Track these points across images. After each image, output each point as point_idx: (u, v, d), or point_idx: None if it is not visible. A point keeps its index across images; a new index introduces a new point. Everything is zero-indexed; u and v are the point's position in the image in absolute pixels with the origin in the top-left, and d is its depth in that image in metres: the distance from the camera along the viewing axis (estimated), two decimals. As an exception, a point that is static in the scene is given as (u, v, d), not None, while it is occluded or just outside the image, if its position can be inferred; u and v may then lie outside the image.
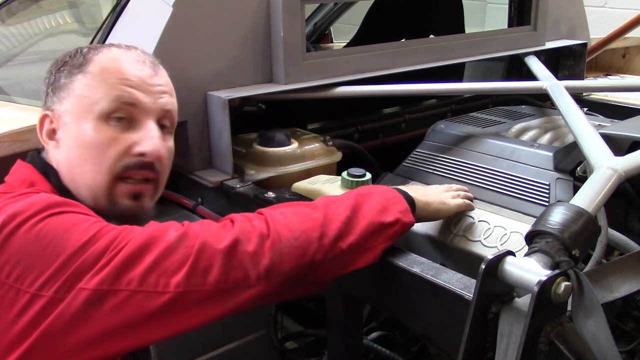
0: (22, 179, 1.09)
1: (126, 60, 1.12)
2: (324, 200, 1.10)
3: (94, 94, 1.08)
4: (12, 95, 2.04)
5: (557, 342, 0.87)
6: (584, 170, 1.35)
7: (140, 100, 1.10)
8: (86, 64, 1.11)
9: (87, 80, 1.09)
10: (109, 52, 1.14)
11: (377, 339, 1.52)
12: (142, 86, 1.11)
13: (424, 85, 1.81)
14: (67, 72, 1.12)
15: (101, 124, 1.08)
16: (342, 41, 3.31)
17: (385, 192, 1.13)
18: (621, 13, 4.01)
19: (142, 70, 1.12)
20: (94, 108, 1.08)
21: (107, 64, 1.10)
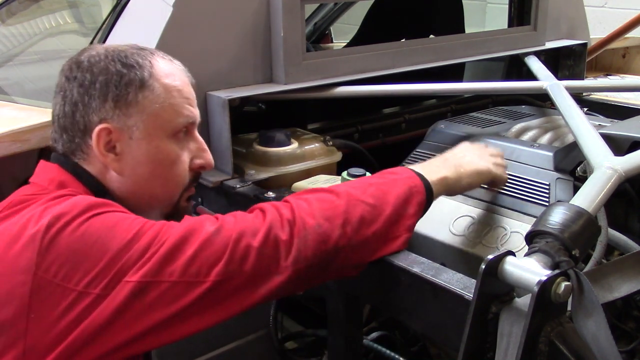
0: (50, 179, 1.09)
1: (180, 76, 1.17)
2: (348, 185, 1.13)
3: (164, 113, 1.12)
4: (12, 95, 2.04)
5: (557, 342, 0.87)
6: (584, 170, 1.35)
7: (197, 116, 1.19)
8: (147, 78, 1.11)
9: (154, 98, 1.11)
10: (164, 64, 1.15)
11: (377, 339, 1.52)
12: (193, 101, 1.19)
13: (424, 85, 1.81)
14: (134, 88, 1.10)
15: (171, 142, 1.14)
16: (342, 41, 3.31)
17: (409, 180, 1.15)
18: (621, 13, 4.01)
19: (189, 84, 1.19)
20: (167, 126, 1.12)
21: (168, 81, 1.13)
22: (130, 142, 1.11)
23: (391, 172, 1.19)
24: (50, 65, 2.39)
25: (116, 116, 1.10)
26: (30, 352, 0.91)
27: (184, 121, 1.15)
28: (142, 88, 1.11)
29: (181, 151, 1.15)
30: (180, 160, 1.15)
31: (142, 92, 1.10)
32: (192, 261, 0.96)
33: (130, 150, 1.11)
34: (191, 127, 1.18)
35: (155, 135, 1.12)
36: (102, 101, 1.09)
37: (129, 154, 1.11)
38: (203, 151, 1.19)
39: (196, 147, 1.19)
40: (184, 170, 1.16)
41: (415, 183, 1.15)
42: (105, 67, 1.10)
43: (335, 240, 1.04)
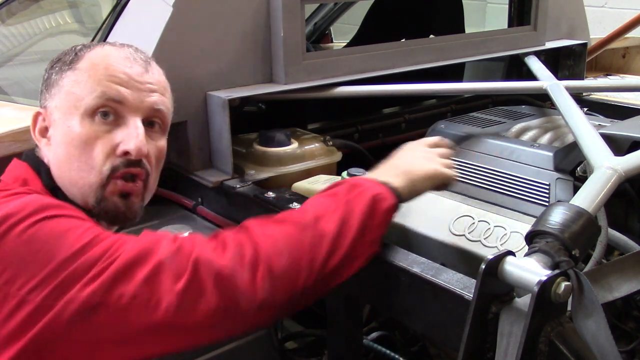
0: (15, 177, 1.08)
1: (116, 56, 1.11)
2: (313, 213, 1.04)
3: (81, 90, 1.07)
4: (12, 95, 2.04)
5: (557, 342, 0.87)
6: (584, 170, 1.35)
7: (127, 97, 1.08)
8: (77, 60, 1.10)
9: (75, 77, 1.09)
10: (100, 49, 1.13)
11: (377, 339, 1.52)
12: (129, 83, 1.09)
13: (424, 85, 1.81)
14: (58, 68, 1.11)
15: (87, 120, 1.07)
16: (342, 41, 3.31)
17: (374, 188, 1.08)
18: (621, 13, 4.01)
19: (132, 67, 1.11)
20: (80, 104, 1.07)
21: (97, 60, 1.10)
22: (54, 124, 1.10)
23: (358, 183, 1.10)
24: (50, 65, 2.39)
25: (46, 100, 1.11)
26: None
27: (100, 97, 1.06)
28: (68, 69, 1.09)
29: (101, 133, 1.06)
30: (95, 142, 1.06)
31: (64, 72, 1.09)
32: (143, 285, 0.90)
33: (55, 133, 1.10)
34: (119, 108, 1.08)
35: (69, 113, 1.07)
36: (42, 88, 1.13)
37: (54, 137, 1.10)
38: (132, 137, 1.08)
39: (126, 133, 1.08)
40: (101, 154, 1.06)
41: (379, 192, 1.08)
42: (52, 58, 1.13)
43: (304, 281, 0.98)
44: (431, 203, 1.51)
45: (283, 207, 1.35)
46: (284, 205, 1.36)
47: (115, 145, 1.07)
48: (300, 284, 0.98)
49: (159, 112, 1.14)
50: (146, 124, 1.12)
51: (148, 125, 1.12)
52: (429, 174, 1.18)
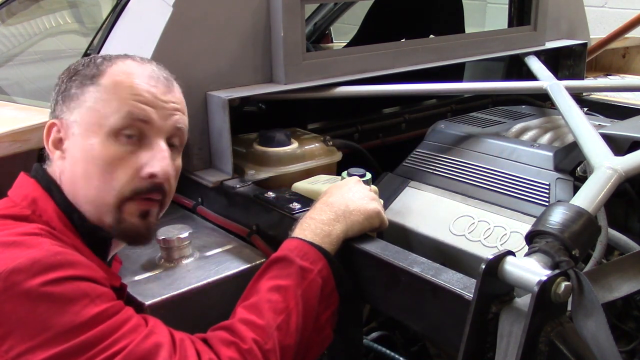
0: (24, 195, 1.06)
1: (140, 74, 1.09)
2: (274, 326, 1.03)
3: (105, 108, 1.05)
4: (12, 95, 2.04)
5: (557, 342, 0.87)
6: (584, 170, 1.35)
7: (153, 117, 1.07)
8: (99, 75, 1.07)
9: (99, 93, 1.06)
10: (123, 64, 1.10)
11: (377, 339, 1.52)
12: (155, 103, 1.08)
13: (424, 85, 1.81)
14: (79, 82, 1.08)
15: (110, 140, 1.04)
16: (342, 41, 3.31)
17: (301, 262, 1.09)
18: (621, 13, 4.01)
19: (156, 86, 1.09)
20: (104, 122, 1.04)
21: (120, 77, 1.07)
22: (73, 138, 1.07)
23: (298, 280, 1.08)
24: (50, 65, 2.40)
25: (62, 112, 1.08)
26: None
27: (126, 118, 1.05)
28: (90, 84, 1.07)
29: (124, 154, 1.05)
30: (119, 163, 1.04)
31: (86, 87, 1.07)
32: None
33: (71, 147, 1.07)
34: (144, 128, 1.07)
35: (92, 131, 1.05)
36: (58, 98, 1.10)
37: (70, 150, 1.07)
38: (159, 159, 1.07)
39: (152, 154, 1.07)
40: (126, 176, 1.05)
41: (305, 268, 1.08)
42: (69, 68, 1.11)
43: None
44: (431, 203, 1.51)
45: (283, 207, 1.35)
46: (284, 205, 1.36)
47: (139, 167, 1.06)
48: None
49: (179, 131, 1.13)
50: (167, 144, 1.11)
51: (169, 145, 1.11)
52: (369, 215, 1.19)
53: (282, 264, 1.09)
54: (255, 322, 1.01)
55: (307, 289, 1.07)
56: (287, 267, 1.08)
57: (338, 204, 1.18)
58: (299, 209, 1.34)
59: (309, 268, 1.08)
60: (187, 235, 1.33)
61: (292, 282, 1.07)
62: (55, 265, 0.91)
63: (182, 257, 1.33)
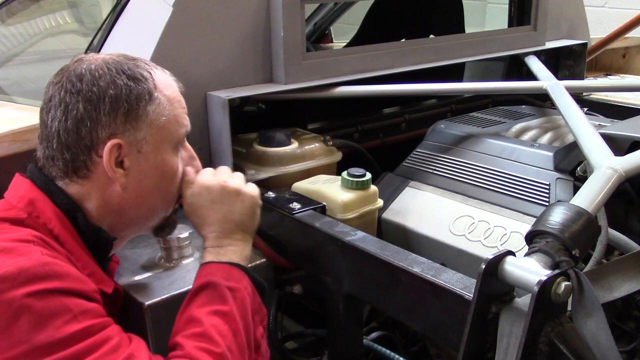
0: (20, 197, 1.05)
1: (175, 86, 1.15)
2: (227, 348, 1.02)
3: (170, 125, 1.11)
4: (12, 95, 2.04)
5: (557, 342, 0.87)
6: (584, 170, 1.35)
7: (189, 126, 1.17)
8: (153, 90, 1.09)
9: (160, 110, 1.10)
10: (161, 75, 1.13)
11: (377, 339, 1.52)
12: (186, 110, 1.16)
13: (424, 85, 1.81)
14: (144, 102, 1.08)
15: (174, 153, 1.13)
16: (342, 41, 3.31)
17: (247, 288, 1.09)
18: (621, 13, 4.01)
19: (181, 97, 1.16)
20: (171, 138, 1.11)
21: (170, 93, 1.12)
22: (138, 155, 1.08)
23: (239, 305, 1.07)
24: (50, 65, 2.39)
25: (127, 131, 1.06)
26: None
27: (185, 131, 1.14)
28: (150, 101, 1.08)
29: (179, 162, 1.15)
30: (179, 171, 1.15)
31: (150, 106, 1.08)
32: None
33: (138, 164, 1.08)
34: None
35: (162, 148, 1.10)
36: (113, 116, 1.05)
37: (136, 167, 1.08)
38: (194, 159, 1.19)
39: (188, 156, 1.18)
40: (179, 182, 1.15)
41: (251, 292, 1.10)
42: (112, 81, 1.06)
43: None
44: (431, 203, 1.51)
45: (283, 207, 1.35)
46: (284, 205, 1.36)
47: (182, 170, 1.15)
48: None
49: None
50: None
51: None
52: (255, 212, 1.19)
53: (209, 289, 1.07)
54: (212, 350, 0.99)
55: (240, 307, 1.06)
56: (215, 291, 1.07)
57: (220, 221, 1.16)
58: (299, 209, 1.34)
59: (236, 287, 1.08)
60: (187, 235, 1.33)
61: (228, 305, 1.05)
62: (42, 276, 0.91)
63: (182, 257, 1.33)
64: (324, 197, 1.39)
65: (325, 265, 1.28)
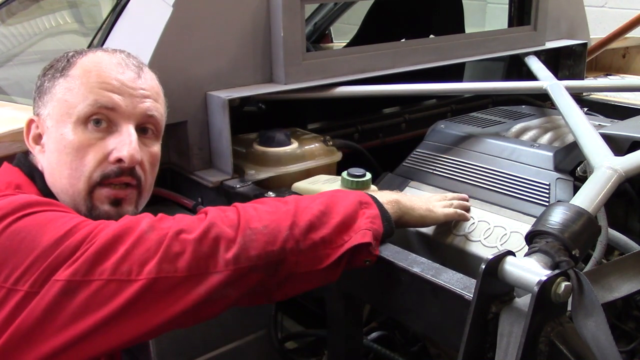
0: (7, 182, 1.07)
1: (108, 63, 1.11)
2: (297, 197, 1.10)
3: (74, 97, 1.07)
4: (12, 95, 2.04)
5: (557, 342, 0.87)
6: (584, 170, 1.35)
7: (119, 104, 1.09)
8: (69, 67, 1.10)
9: (67, 84, 1.08)
10: (93, 55, 1.12)
11: (377, 339, 1.52)
12: (122, 89, 1.10)
13: (424, 85, 1.81)
14: (50, 75, 1.11)
15: (79, 128, 1.07)
16: (342, 41, 3.31)
17: (360, 195, 1.11)
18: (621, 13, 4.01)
19: (124, 73, 1.11)
20: (72, 112, 1.07)
21: (89, 67, 1.09)
22: (47, 131, 1.10)
23: (344, 191, 1.14)
24: (50, 65, 2.39)
25: (39, 107, 1.11)
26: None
27: (92, 105, 1.07)
28: (60, 76, 1.09)
29: (93, 141, 1.08)
30: (87, 149, 1.07)
31: (57, 80, 1.09)
32: (123, 259, 0.91)
33: (48, 141, 1.10)
34: (112, 115, 1.09)
35: (62, 121, 1.08)
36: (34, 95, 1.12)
37: (47, 144, 1.10)
38: (125, 144, 1.09)
39: (119, 140, 1.09)
40: (94, 161, 1.07)
41: (365, 200, 1.10)
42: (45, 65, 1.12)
43: (282, 242, 0.99)
44: (431, 203, 1.51)
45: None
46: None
47: (108, 153, 1.08)
48: (278, 243, 0.98)
49: (152, 118, 1.14)
50: (139, 130, 1.12)
51: (141, 131, 1.13)
52: (422, 217, 1.22)
53: None
54: None
55: (347, 194, 1.10)
56: None
57: (396, 197, 1.20)
58: (299, 209, 1.34)
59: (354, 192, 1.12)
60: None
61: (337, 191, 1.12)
62: (31, 204, 0.96)
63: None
64: (324, 197, 1.39)
65: (325, 265, 1.28)
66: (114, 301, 0.90)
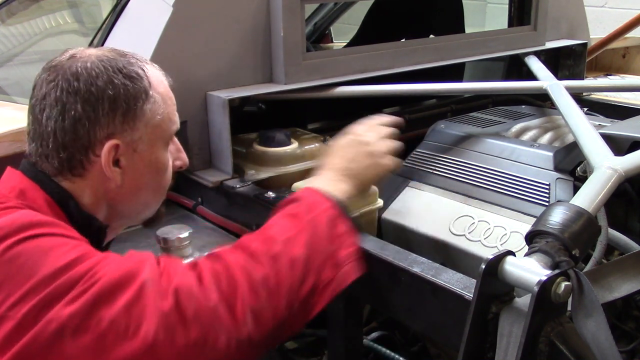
0: (11, 187, 1.05)
1: (166, 82, 1.14)
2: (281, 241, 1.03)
3: (164, 123, 1.11)
4: (12, 95, 2.04)
5: (557, 342, 0.87)
6: (584, 170, 1.35)
7: None
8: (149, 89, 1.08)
9: (154, 108, 1.09)
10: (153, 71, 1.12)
11: (377, 339, 1.52)
12: None
13: (424, 85, 1.81)
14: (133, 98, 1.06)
15: (166, 149, 1.13)
16: (342, 41, 3.31)
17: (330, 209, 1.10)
18: (621, 13, 4.01)
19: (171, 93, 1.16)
20: (164, 135, 1.11)
21: (161, 89, 1.11)
22: (134, 154, 1.08)
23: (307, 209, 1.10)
24: (50, 65, 2.39)
25: (124, 131, 1.06)
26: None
27: (176, 128, 1.14)
28: (147, 100, 1.08)
29: (169, 157, 1.15)
30: (170, 166, 1.15)
31: (146, 105, 1.08)
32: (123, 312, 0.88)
33: (134, 163, 1.08)
34: None
35: (157, 145, 1.11)
36: (111, 116, 1.04)
37: (132, 166, 1.08)
38: (180, 151, 1.19)
39: (175, 149, 1.17)
40: (170, 173, 1.16)
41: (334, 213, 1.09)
42: (109, 80, 1.04)
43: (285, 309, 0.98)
44: (431, 203, 1.51)
45: (283, 207, 1.35)
46: (284, 205, 1.35)
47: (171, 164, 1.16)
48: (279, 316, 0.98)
49: None
50: None
51: None
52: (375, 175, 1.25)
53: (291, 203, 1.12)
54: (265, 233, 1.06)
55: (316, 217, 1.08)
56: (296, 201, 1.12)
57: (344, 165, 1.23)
58: (299, 209, 1.34)
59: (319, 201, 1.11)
60: (187, 235, 1.33)
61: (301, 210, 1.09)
62: (33, 224, 0.94)
63: (182, 257, 1.33)
64: (324, 197, 1.39)
65: (325, 265, 1.28)
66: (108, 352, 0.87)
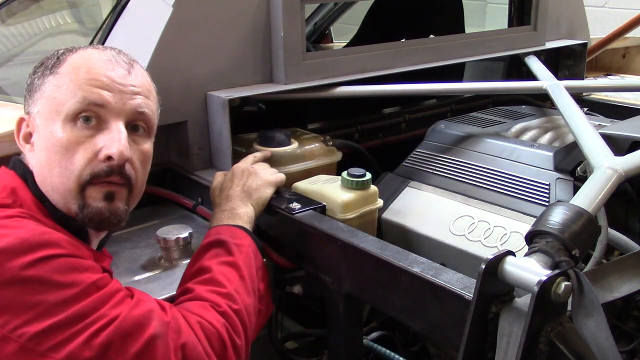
0: (3, 186, 1.05)
1: (97, 59, 1.09)
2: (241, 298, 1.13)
3: (63, 94, 1.05)
4: (12, 95, 2.04)
5: (557, 342, 0.87)
6: (584, 170, 1.35)
7: (109, 100, 1.06)
8: (58, 64, 1.08)
9: (56, 81, 1.06)
10: (82, 52, 1.10)
11: (377, 339, 1.52)
12: (111, 86, 1.07)
13: (424, 85, 1.81)
14: (40, 73, 1.09)
15: (68, 126, 1.04)
16: (342, 41, 3.31)
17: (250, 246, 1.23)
18: (621, 13, 4.01)
19: (114, 70, 1.09)
20: (61, 109, 1.05)
21: (78, 64, 1.07)
22: (37, 130, 1.08)
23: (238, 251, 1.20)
24: (50, 65, 2.39)
25: (29, 105, 1.10)
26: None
27: (81, 102, 1.04)
28: (49, 74, 1.07)
29: (83, 139, 1.05)
30: (76, 147, 1.04)
31: (47, 77, 1.07)
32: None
33: (37, 138, 1.08)
34: (102, 112, 1.06)
35: (51, 119, 1.05)
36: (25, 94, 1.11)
37: (37, 142, 1.08)
38: (115, 141, 1.05)
39: (108, 137, 1.06)
40: (82, 159, 1.04)
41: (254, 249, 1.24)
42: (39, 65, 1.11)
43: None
44: (431, 203, 1.51)
45: (283, 207, 1.35)
46: (284, 205, 1.36)
47: (97, 150, 1.05)
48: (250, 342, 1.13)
49: (142, 115, 1.11)
50: (130, 128, 1.10)
51: (132, 129, 1.10)
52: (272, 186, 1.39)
53: (217, 246, 1.20)
54: (220, 291, 1.10)
55: (245, 259, 1.19)
56: (223, 246, 1.19)
57: (245, 192, 1.35)
58: (299, 209, 1.34)
59: (241, 243, 1.21)
60: (187, 235, 1.33)
61: (234, 256, 1.18)
62: (43, 244, 0.93)
63: (182, 257, 1.33)
64: (324, 197, 1.39)
65: (325, 265, 1.28)
66: None
